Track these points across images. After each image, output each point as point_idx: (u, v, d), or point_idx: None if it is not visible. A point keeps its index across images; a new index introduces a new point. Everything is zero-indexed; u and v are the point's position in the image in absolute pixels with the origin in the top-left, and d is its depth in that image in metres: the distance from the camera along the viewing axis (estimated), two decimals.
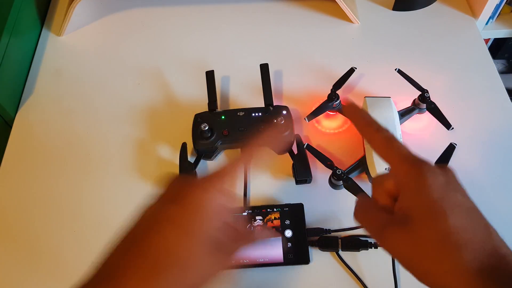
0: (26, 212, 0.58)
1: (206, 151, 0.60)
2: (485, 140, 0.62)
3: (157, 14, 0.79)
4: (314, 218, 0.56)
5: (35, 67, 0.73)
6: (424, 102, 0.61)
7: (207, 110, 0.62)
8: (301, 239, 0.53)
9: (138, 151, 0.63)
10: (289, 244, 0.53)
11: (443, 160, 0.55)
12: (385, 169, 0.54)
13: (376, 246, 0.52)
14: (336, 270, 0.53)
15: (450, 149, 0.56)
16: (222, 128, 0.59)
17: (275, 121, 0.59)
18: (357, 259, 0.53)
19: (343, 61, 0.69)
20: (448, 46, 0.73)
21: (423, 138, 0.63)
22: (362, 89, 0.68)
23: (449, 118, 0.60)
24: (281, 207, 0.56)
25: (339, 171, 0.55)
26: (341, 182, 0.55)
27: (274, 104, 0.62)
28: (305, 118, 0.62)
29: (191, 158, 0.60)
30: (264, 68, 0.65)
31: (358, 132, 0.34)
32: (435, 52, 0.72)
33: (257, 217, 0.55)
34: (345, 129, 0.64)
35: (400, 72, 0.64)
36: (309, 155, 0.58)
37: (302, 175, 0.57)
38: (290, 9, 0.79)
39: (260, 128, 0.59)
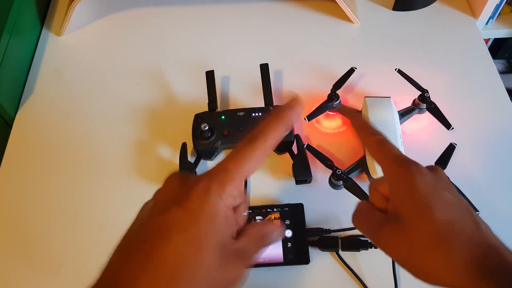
0: (26, 212, 0.58)
1: (206, 151, 0.60)
2: (485, 140, 0.62)
3: (157, 14, 0.79)
4: (314, 218, 0.56)
5: (35, 67, 0.73)
6: (424, 102, 0.61)
7: (207, 110, 0.62)
8: (301, 239, 0.53)
9: (138, 151, 0.63)
10: (289, 244, 0.53)
11: (443, 160, 0.55)
12: None
13: (376, 246, 0.52)
14: (336, 270, 0.53)
15: (450, 149, 0.56)
16: (222, 128, 0.59)
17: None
18: (357, 259, 0.53)
19: (343, 61, 0.69)
20: (448, 46, 0.73)
21: (423, 138, 0.63)
22: (362, 89, 0.68)
23: (449, 118, 0.60)
24: (281, 207, 0.56)
25: (339, 171, 0.55)
26: (341, 182, 0.55)
27: (274, 104, 0.62)
28: (305, 118, 0.62)
29: (191, 158, 0.60)
30: (264, 68, 0.65)
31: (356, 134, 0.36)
32: (435, 52, 0.72)
33: (257, 217, 0.55)
34: (345, 129, 0.64)
35: (400, 72, 0.64)
36: (309, 155, 0.58)
37: (302, 175, 0.57)
38: (290, 9, 0.79)
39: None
